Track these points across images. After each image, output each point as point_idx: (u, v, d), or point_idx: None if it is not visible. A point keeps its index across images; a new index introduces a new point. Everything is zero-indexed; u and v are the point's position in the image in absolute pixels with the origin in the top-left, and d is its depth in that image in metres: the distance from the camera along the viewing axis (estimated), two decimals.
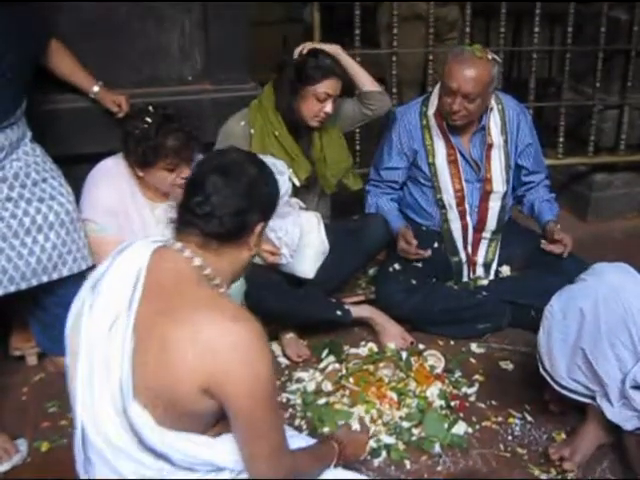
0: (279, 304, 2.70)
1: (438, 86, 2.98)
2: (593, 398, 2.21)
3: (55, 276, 2.46)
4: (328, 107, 2.78)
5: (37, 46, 2.52)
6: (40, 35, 2.53)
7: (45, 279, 2.44)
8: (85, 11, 2.81)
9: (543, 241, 3.00)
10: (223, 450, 1.60)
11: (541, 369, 2.28)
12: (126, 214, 2.60)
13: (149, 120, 2.53)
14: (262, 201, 1.64)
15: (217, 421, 1.61)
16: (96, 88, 2.76)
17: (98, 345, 1.54)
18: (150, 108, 2.58)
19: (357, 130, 3.57)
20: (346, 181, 3.03)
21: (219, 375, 1.47)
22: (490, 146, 3.01)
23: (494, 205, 3.05)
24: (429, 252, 2.97)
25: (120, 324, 1.52)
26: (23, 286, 2.41)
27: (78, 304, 1.62)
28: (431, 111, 3.00)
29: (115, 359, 1.51)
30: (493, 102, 3.01)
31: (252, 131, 2.80)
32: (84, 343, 1.56)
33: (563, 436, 2.41)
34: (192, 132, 2.57)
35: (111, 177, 2.62)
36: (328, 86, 2.75)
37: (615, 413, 2.16)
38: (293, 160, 2.81)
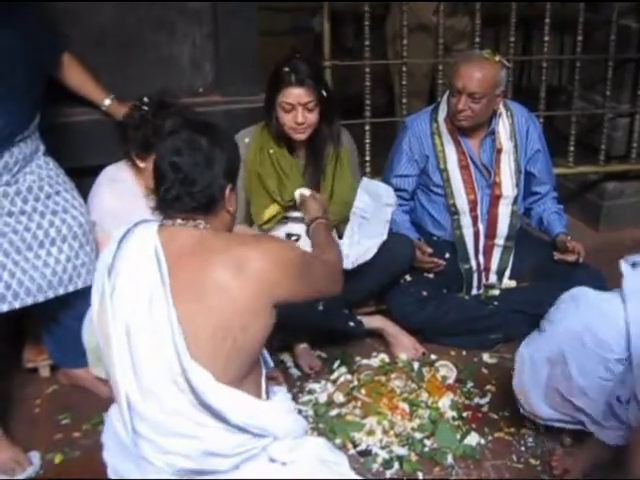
0: (291, 314, 2.68)
1: (448, 92, 2.99)
2: (582, 423, 2.24)
3: (71, 288, 2.46)
4: (299, 117, 2.67)
5: (50, 60, 2.54)
6: (53, 49, 2.55)
7: (61, 291, 2.44)
8: (96, 23, 2.83)
9: (555, 253, 2.99)
10: (273, 415, 1.77)
11: (521, 410, 2.36)
12: (127, 215, 2.53)
13: (146, 108, 2.57)
14: (222, 166, 1.76)
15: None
16: (107, 101, 2.77)
17: (137, 321, 1.67)
18: (145, 98, 2.60)
19: (367, 140, 3.60)
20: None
21: (275, 288, 1.71)
22: (499, 151, 3.01)
23: (504, 210, 3.04)
24: (444, 261, 3.00)
25: (158, 296, 1.66)
26: (40, 299, 2.40)
27: (98, 292, 1.75)
28: (441, 117, 3.02)
29: (164, 327, 1.64)
30: (502, 108, 3.01)
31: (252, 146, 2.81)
32: (113, 324, 1.68)
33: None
34: (190, 116, 2.56)
35: (113, 182, 2.65)
36: (288, 95, 2.66)
37: (609, 434, 2.17)
38: (281, 180, 2.79)
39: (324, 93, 2.71)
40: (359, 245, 2.79)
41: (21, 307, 2.37)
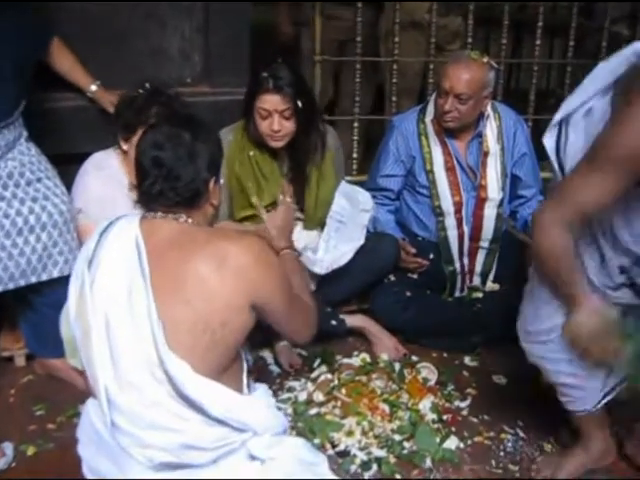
0: None
1: (435, 93, 2.97)
2: None
3: (44, 277, 2.42)
4: (275, 124, 2.63)
5: (39, 47, 2.51)
6: (42, 35, 2.51)
7: (33, 280, 2.41)
8: (86, 11, 2.78)
9: None
10: (253, 409, 1.75)
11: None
12: (113, 202, 2.52)
13: (141, 91, 2.56)
14: (206, 160, 1.74)
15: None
16: (93, 87, 2.73)
17: (117, 312, 1.65)
18: (147, 84, 2.59)
19: (355, 137, 3.57)
20: None
21: (255, 286, 1.69)
22: (486, 154, 2.99)
23: (489, 213, 3.02)
24: (427, 261, 2.99)
25: (137, 288, 1.64)
26: (10, 286, 2.38)
27: (77, 283, 1.72)
28: (428, 118, 3.00)
29: (143, 319, 1.62)
30: (490, 110, 3.00)
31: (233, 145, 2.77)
32: (92, 315, 1.66)
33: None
34: (179, 109, 2.53)
35: (100, 168, 2.61)
36: (264, 101, 2.62)
37: None
38: (260, 184, 2.77)
39: (299, 103, 2.64)
40: (335, 250, 2.77)
41: None
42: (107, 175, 2.59)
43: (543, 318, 2.10)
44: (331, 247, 2.77)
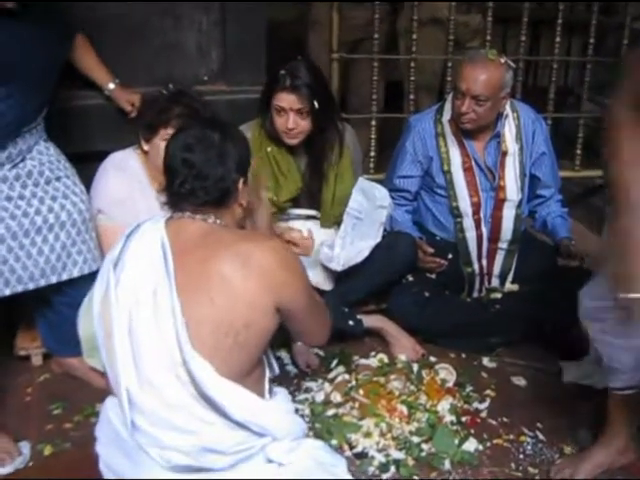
0: None
1: (452, 93, 2.94)
2: None
3: (64, 277, 2.42)
4: (290, 122, 2.64)
5: (65, 49, 2.50)
6: (67, 37, 2.51)
7: (54, 280, 2.40)
8: (102, 8, 2.78)
9: (559, 258, 2.97)
10: (273, 414, 1.76)
11: None
12: (133, 203, 2.55)
13: (163, 91, 2.57)
14: (235, 160, 1.77)
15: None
16: (112, 85, 2.74)
17: (141, 312, 1.66)
18: (170, 85, 2.60)
19: (372, 135, 3.55)
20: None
21: (279, 288, 1.70)
22: (504, 154, 2.96)
23: (508, 214, 2.99)
24: (446, 261, 2.97)
25: (162, 287, 1.66)
26: (31, 286, 2.37)
27: (103, 284, 1.74)
28: (446, 118, 2.96)
29: (167, 318, 1.64)
30: (508, 109, 2.96)
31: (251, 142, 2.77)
32: (117, 315, 1.67)
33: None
34: (201, 110, 2.52)
35: (120, 169, 2.60)
36: (281, 99, 2.63)
37: None
38: (278, 180, 2.76)
39: (316, 103, 2.63)
40: (351, 246, 2.75)
41: (11, 294, 2.34)
42: (127, 175, 2.59)
43: (596, 296, 2.11)
44: (347, 243, 2.76)
